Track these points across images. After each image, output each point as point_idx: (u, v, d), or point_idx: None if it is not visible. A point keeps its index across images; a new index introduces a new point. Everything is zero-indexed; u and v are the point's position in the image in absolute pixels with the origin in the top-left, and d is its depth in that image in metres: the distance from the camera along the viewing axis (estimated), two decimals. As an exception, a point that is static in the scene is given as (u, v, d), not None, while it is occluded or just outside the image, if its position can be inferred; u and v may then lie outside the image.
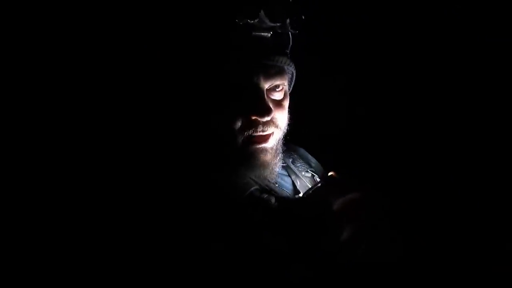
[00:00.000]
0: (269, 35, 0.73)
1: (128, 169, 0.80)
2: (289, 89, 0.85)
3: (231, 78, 0.72)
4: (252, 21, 0.69)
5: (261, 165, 0.77)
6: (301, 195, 0.86)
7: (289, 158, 0.95)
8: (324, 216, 0.72)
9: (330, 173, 0.81)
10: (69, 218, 0.81)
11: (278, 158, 0.81)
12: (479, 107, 1.27)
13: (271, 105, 0.75)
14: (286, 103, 0.81)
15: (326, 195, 0.75)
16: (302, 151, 1.00)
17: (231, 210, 0.73)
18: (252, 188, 0.78)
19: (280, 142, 0.83)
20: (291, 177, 0.92)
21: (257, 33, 0.71)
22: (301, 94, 0.90)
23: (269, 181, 0.84)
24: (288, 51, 0.79)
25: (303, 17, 0.73)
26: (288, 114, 0.82)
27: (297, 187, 0.90)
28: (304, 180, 0.92)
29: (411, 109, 1.32)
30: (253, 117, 0.74)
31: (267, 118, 0.74)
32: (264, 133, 0.76)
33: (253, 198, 0.77)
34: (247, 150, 0.76)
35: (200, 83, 0.74)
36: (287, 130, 0.83)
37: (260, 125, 0.75)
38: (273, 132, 0.78)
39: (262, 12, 0.68)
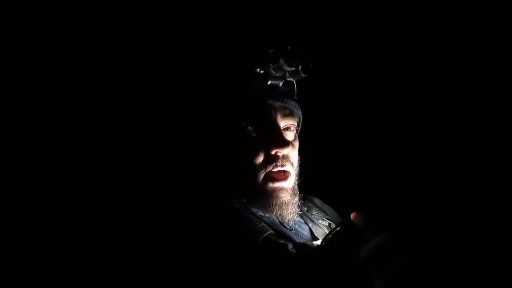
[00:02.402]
0: (281, 83, 0.85)
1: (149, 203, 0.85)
2: (297, 133, 0.91)
3: (254, 118, 0.82)
4: (271, 67, 0.80)
5: (281, 204, 0.81)
6: (319, 242, 0.83)
7: (304, 206, 0.94)
8: (347, 264, 0.69)
9: (352, 215, 0.78)
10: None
11: (297, 198, 0.85)
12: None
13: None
14: (297, 144, 0.88)
15: (346, 240, 0.73)
16: (318, 201, 0.99)
17: (245, 253, 0.71)
18: (267, 233, 0.76)
19: (296, 183, 0.86)
20: (308, 225, 0.90)
21: (272, 81, 0.83)
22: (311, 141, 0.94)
23: (285, 226, 0.83)
24: (295, 98, 0.89)
25: (311, 65, 0.84)
26: (299, 156, 0.88)
27: (315, 234, 0.88)
28: (322, 228, 0.89)
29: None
30: (273, 151, 0.80)
31: (287, 150, 0.81)
32: (283, 168, 0.81)
33: (269, 243, 0.75)
34: (268, 188, 0.81)
35: (227, 124, 0.83)
36: (299, 170, 0.87)
37: (280, 160, 0.81)
38: (290, 172, 0.83)
39: (281, 59, 0.80)
